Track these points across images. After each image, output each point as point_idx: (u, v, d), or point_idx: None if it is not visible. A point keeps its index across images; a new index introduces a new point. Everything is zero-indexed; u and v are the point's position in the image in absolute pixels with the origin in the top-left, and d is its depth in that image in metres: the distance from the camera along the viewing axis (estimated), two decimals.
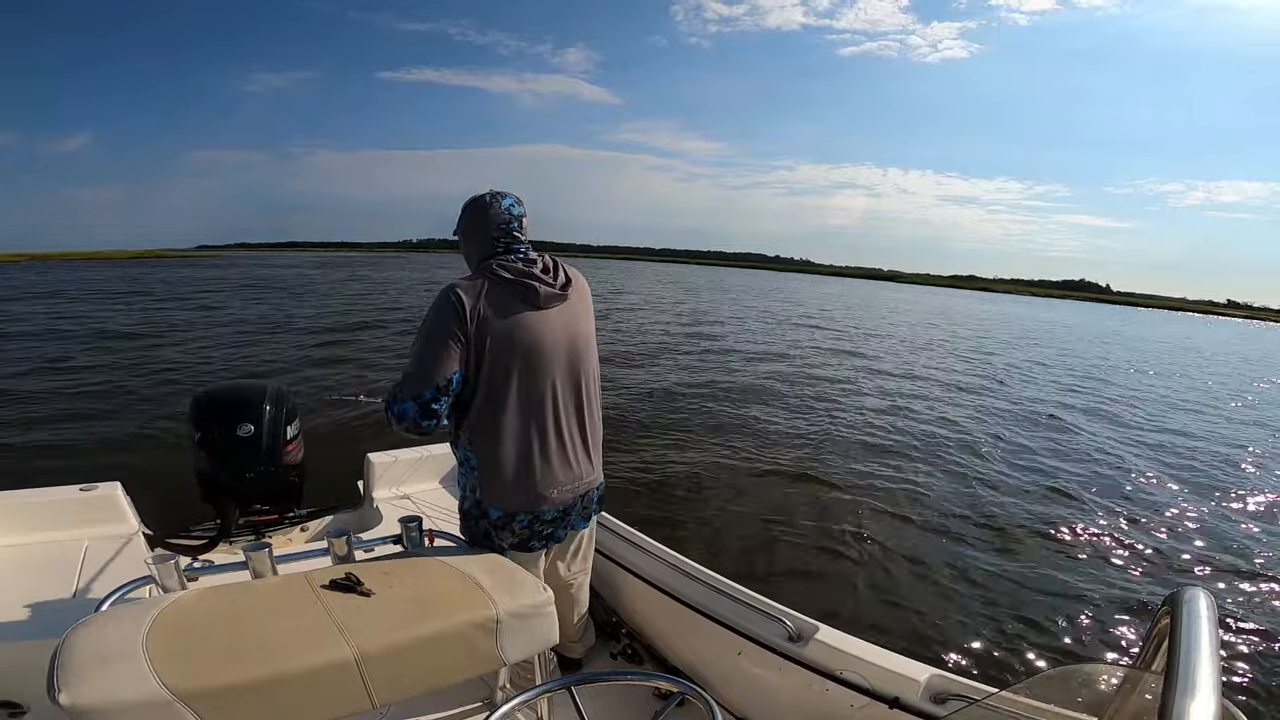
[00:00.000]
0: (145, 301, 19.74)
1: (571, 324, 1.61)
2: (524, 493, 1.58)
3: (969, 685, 1.39)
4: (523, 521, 1.60)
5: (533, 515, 1.61)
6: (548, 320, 1.56)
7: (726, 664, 1.78)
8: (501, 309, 1.51)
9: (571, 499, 1.65)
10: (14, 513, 2.15)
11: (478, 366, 1.51)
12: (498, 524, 1.61)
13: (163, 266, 50.00)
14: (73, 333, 12.61)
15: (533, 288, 1.54)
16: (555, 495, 1.61)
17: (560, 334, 1.58)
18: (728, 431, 6.92)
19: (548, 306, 1.56)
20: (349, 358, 10.41)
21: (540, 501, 1.60)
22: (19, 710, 1.54)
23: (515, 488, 1.58)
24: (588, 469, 1.69)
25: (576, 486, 1.66)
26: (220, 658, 1.01)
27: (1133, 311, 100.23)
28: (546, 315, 1.56)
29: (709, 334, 16.08)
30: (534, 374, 1.55)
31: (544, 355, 1.55)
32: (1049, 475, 6.21)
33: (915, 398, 9.71)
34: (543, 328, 1.55)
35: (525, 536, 1.63)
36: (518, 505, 1.59)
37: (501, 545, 1.63)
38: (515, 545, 1.63)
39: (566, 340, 1.59)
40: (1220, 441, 8.52)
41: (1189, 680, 0.68)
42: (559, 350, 1.57)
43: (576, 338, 1.62)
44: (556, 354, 1.57)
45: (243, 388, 2.51)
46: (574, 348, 1.61)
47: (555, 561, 1.83)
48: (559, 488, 1.61)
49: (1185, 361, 20.59)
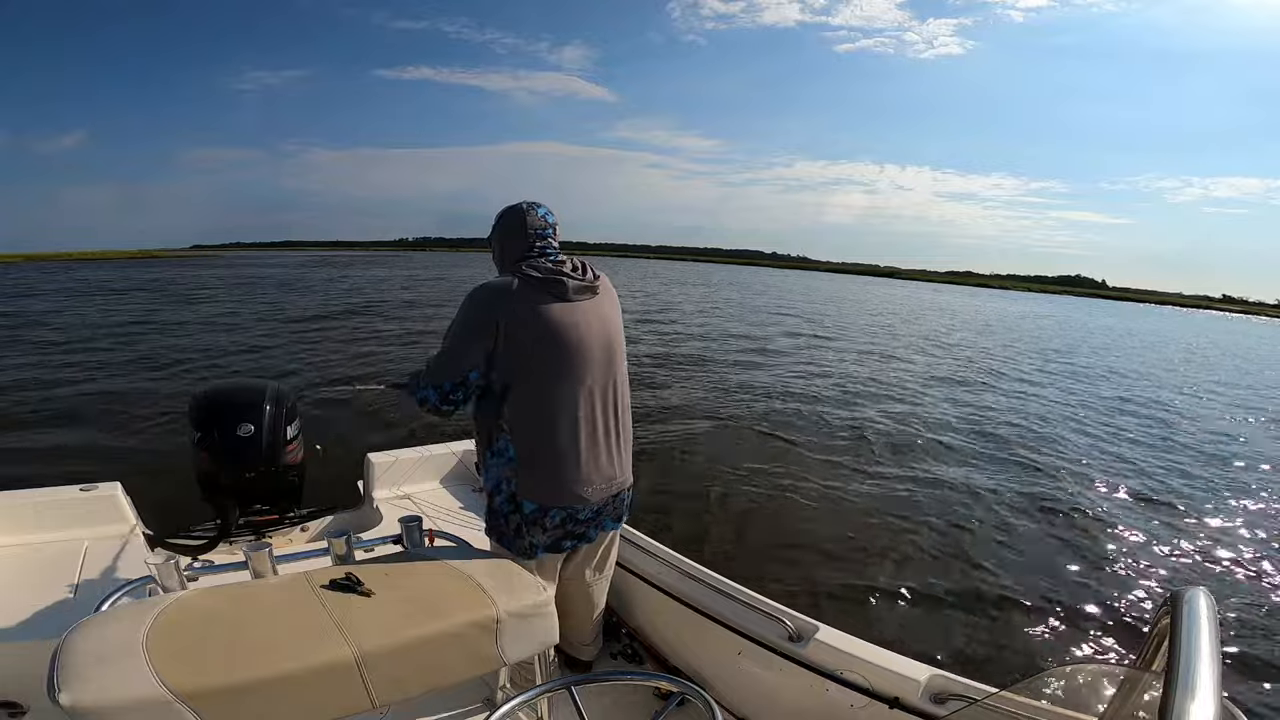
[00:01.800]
0: (143, 301, 19.76)
1: (603, 320, 1.63)
2: (562, 487, 1.58)
3: (969, 685, 1.39)
4: (556, 518, 1.60)
5: (567, 512, 1.61)
6: (581, 312, 1.58)
7: (727, 664, 1.78)
8: (534, 304, 1.54)
9: (605, 498, 1.65)
10: (14, 513, 2.15)
11: (514, 359, 1.54)
12: (530, 518, 1.59)
13: (157, 266, 50.16)
14: (71, 333, 12.61)
15: (562, 282, 1.56)
16: (591, 492, 1.61)
17: (594, 327, 1.60)
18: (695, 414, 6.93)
19: (578, 299, 1.58)
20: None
21: (577, 498, 1.60)
22: (19, 710, 1.54)
23: (554, 481, 1.58)
24: (620, 468, 1.68)
25: (610, 485, 1.65)
26: (220, 658, 1.01)
27: (1119, 305, 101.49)
28: (579, 308, 1.58)
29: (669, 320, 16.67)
30: (572, 366, 1.56)
31: (579, 347, 1.57)
32: (1037, 468, 6.22)
33: (880, 383, 9.89)
34: (576, 319, 1.57)
35: (559, 535, 1.63)
36: (554, 500, 1.59)
37: (533, 543, 1.62)
38: (548, 545, 1.63)
39: (600, 335, 1.61)
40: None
41: (1189, 680, 0.68)
42: (593, 343, 1.59)
43: (609, 334, 1.64)
44: (591, 347, 1.58)
45: (243, 388, 2.51)
46: (607, 343, 1.63)
47: (581, 563, 1.82)
48: (594, 485, 1.61)
49: (1129, 346, 21.75)
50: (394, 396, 1.71)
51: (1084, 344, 21.33)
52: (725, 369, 10.72)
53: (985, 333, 22.57)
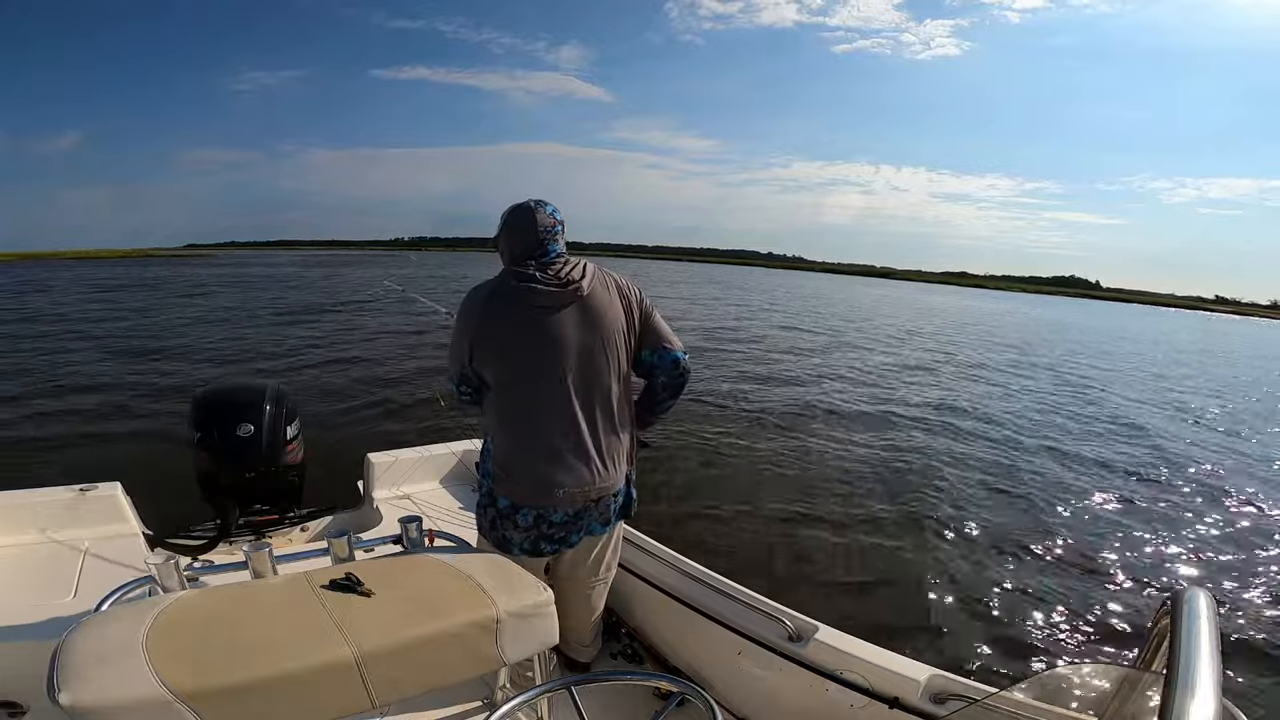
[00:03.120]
0: (140, 300, 19.74)
1: (589, 325, 1.60)
2: (531, 487, 1.60)
3: (969, 685, 1.39)
4: (527, 517, 1.61)
5: (538, 513, 1.61)
6: (556, 319, 1.57)
7: (727, 664, 1.78)
8: (504, 312, 1.59)
9: (583, 503, 1.63)
10: (14, 513, 2.15)
11: (486, 364, 1.62)
12: (504, 513, 1.64)
13: (152, 264, 50.17)
14: (70, 332, 12.61)
15: (535, 290, 1.56)
16: (562, 495, 1.60)
17: (571, 334, 1.58)
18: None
19: (552, 304, 1.58)
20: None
21: (545, 499, 1.60)
22: (19, 710, 1.54)
23: (519, 479, 1.62)
24: (604, 474, 1.64)
25: (588, 491, 1.62)
26: (220, 658, 1.01)
27: (1104, 305, 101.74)
28: (556, 314, 1.58)
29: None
30: (540, 372, 1.57)
31: (551, 353, 1.57)
32: (1027, 466, 6.22)
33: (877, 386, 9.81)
34: (548, 326, 1.57)
35: (534, 537, 1.63)
36: (524, 499, 1.61)
37: (506, 537, 1.64)
38: (525, 548, 1.64)
39: (581, 340, 1.59)
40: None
41: (1189, 679, 0.68)
42: (569, 349, 1.57)
43: (594, 340, 1.60)
44: (566, 351, 1.57)
45: (243, 388, 2.51)
46: (590, 348, 1.60)
47: (574, 567, 1.81)
48: (566, 488, 1.59)
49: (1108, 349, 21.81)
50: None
51: (1093, 348, 21.32)
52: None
53: (992, 335, 22.62)
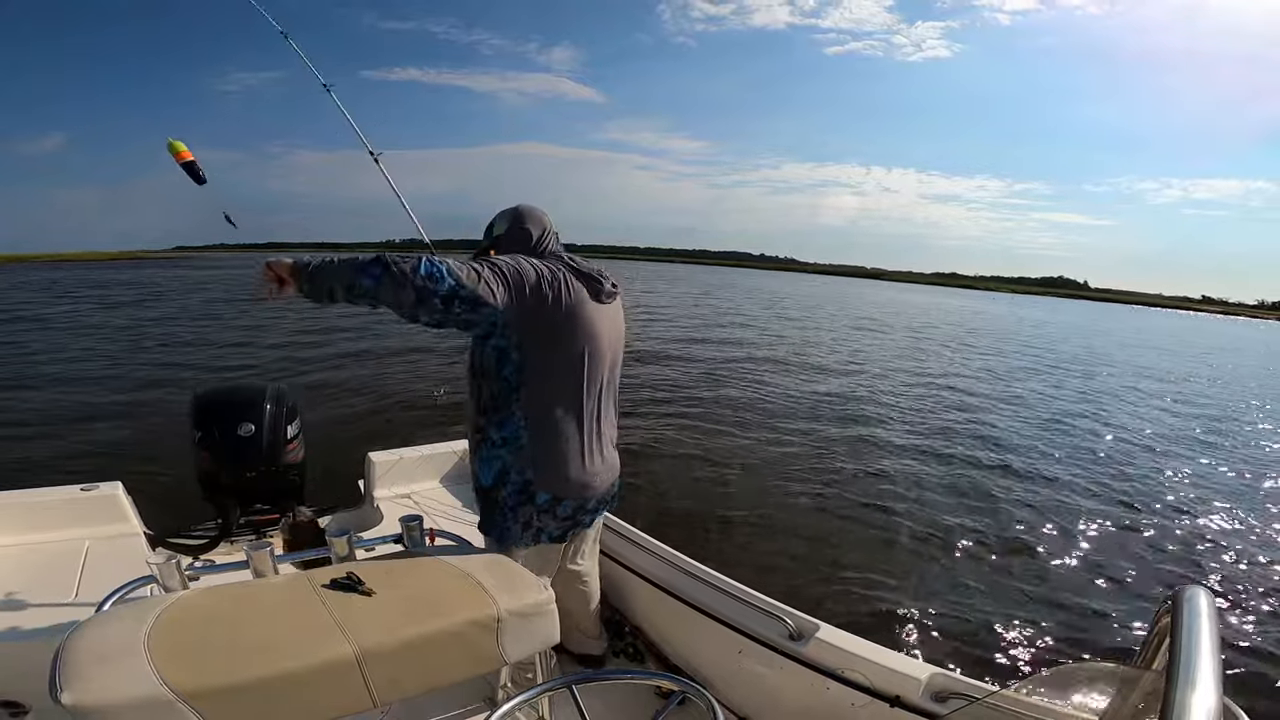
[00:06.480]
0: (137, 301, 19.75)
1: (616, 324, 1.68)
2: (577, 478, 1.61)
3: (970, 684, 1.39)
4: (568, 508, 1.63)
5: (579, 503, 1.64)
6: (606, 314, 1.61)
7: (727, 663, 1.78)
8: (573, 295, 1.52)
9: (605, 489, 1.69)
10: (15, 513, 2.15)
11: (546, 341, 1.51)
12: (542, 508, 1.59)
13: (148, 267, 50.24)
14: (69, 332, 12.61)
15: (598, 281, 1.59)
16: (597, 483, 1.65)
17: (611, 330, 1.64)
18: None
19: (607, 302, 1.62)
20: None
21: (586, 489, 1.63)
22: (21, 710, 1.55)
23: (570, 473, 1.60)
24: (614, 458, 1.73)
25: (609, 476, 1.70)
26: (222, 657, 1.01)
27: (1090, 305, 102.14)
28: (605, 309, 1.61)
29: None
30: (593, 363, 1.59)
31: (601, 346, 1.60)
32: (1032, 469, 6.22)
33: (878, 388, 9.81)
34: (602, 319, 1.60)
35: (567, 525, 1.66)
36: (569, 491, 1.61)
37: (540, 529, 1.62)
38: (554, 536, 1.66)
39: (614, 337, 1.66)
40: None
41: (1190, 679, 0.68)
42: (609, 345, 1.63)
43: (620, 340, 1.70)
44: (607, 348, 1.62)
45: (243, 387, 2.51)
46: (617, 346, 1.68)
47: (574, 552, 1.85)
48: (599, 476, 1.65)
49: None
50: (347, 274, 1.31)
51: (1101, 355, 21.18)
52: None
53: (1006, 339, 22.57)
